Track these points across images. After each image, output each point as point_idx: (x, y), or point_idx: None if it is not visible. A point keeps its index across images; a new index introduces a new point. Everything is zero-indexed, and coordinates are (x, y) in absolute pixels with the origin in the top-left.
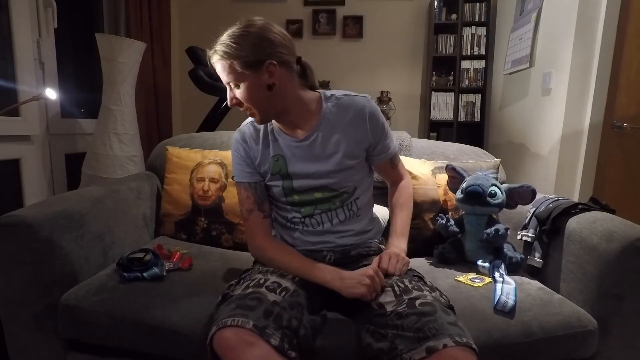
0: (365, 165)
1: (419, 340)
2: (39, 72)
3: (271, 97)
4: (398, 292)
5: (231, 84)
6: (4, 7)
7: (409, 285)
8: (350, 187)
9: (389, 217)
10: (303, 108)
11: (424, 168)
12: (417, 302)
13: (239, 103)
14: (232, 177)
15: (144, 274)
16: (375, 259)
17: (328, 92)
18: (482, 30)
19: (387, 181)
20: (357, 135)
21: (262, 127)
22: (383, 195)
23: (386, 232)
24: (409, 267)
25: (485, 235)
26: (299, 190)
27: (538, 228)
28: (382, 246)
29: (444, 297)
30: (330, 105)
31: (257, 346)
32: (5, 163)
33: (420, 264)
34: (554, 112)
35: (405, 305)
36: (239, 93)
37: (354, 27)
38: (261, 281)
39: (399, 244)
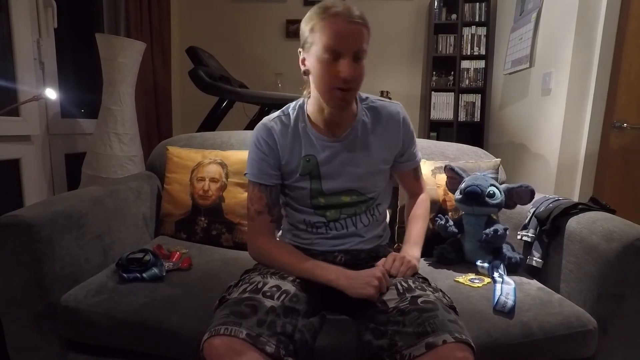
0: (389, 172)
1: (419, 337)
2: (39, 72)
3: None
4: (401, 291)
5: (359, 53)
6: (4, 7)
7: (413, 285)
8: (376, 192)
9: (405, 227)
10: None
11: (423, 168)
12: (420, 300)
13: (358, 77)
14: (245, 174)
15: (144, 275)
16: (381, 260)
17: (363, 95)
18: (482, 30)
19: (407, 192)
20: (391, 139)
21: (291, 123)
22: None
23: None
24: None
25: (485, 235)
26: (328, 192)
27: (538, 228)
28: (391, 249)
29: (446, 298)
30: (364, 107)
31: (246, 355)
32: (5, 163)
33: (420, 264)
34: (554, 112)
35: (407, 302)
36: (357, 68)
37: None
38: (259, 285)
39: (410, 251)
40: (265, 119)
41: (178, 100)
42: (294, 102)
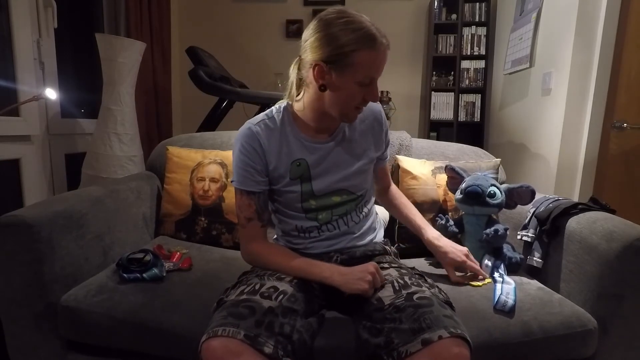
0: (372, 169)
1: (415, 333)
2: (39, 72)
3: None
4: (397, 288)
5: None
6: (4, 7)
7: (409, 282)
8: (365, 189)
9: (404, 217)
10: None
11: (424, 168)
12: (415, 296)
13: None
14: (232, 182)
15: (144, 275)
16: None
17: None
18: (482, 30)
19: (380, 187)
20: (376, 138)
21: (277, 126)
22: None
23: (388, 234)
24: (411, 266)
25: (485, 235)
26: (319, 194)
27: (538, 228)
28: (387, 247)
29: (442, 293)
30: None
31: (244, 356)
32: (5, 163)
33: (420, 264)
34: (554, 112)
35: (403, 298)
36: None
37: None
38: (257, 287)
39: (433, 233)
40: (248, 123)
41: (178, 100)
42: (277, 104)
